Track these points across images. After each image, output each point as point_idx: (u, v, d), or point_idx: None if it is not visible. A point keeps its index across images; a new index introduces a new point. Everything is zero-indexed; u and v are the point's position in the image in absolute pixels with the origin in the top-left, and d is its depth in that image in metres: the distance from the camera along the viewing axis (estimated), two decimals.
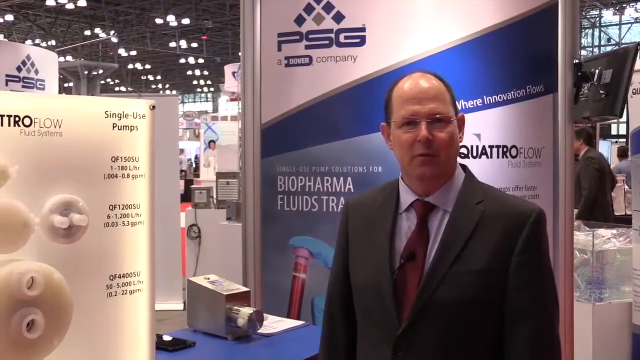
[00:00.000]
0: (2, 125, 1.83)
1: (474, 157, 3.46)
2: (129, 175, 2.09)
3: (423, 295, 1.84)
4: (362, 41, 3.49)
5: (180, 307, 7.72)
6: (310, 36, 3.59)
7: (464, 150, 3.44)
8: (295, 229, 3.60)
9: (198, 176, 14.94)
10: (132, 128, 2.10)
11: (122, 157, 2.08)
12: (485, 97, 3.48)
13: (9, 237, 1.81)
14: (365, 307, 1.98)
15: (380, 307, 1.90)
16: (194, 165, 18.36)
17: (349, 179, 3.45)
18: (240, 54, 3.84)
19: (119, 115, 2.08)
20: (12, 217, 1.80)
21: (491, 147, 3.49)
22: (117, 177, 2.07)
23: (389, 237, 1.93)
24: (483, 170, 3.44)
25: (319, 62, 3.55)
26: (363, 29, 3.49)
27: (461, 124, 1.95)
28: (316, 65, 3.57)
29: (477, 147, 3.46)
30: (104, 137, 2.04)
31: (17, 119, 1.87)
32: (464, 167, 2.00)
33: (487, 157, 3.48)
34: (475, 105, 3.46)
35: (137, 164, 2.11)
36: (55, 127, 1.94)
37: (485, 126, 3.48)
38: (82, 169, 1.99)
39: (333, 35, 3.54)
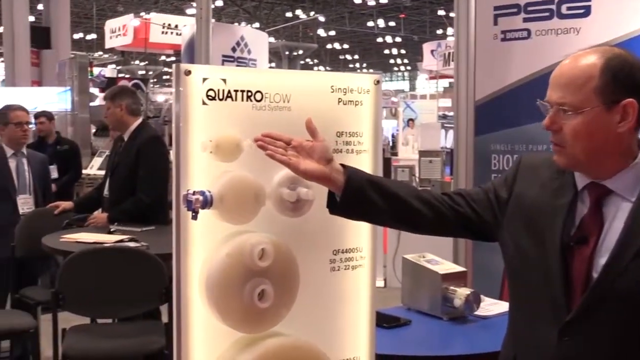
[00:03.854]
0: (235, 99, 1.89)
1: None
2: (352, 150, 2.09)
3: (601, 283, 1.72)
4: (587, 11, 3.28)
5: (381, 283, 7.78)
6: (529, 8, 3.44)
7: None
8: None
9: (395, 154, 14.95)
10: (357, 103, 2.10)
11: (346, 132, 2.08)
12: None
13: (241, 209, 1.87)
14: (524, 278, 1.88)
15: (544, 284, 1.80)
16: (391, 144, 18.43)
17: None
18: (450, 29, 3.76)
19: (344, 90, 2.08)
20: (245, 190, 1.86)
21: None
22: (341, 151, 2.07)
23: (564, 214, 1.81)
24: None
25: (538, 35, 3.39)
26: None
27: (624, 110, 1.71)
28: (535, 38, 3.41)
29: None
30: (329, 111, 2.05)
31: (249, 93, 1.91)
32: None
33: None
34: None
35: (361, 139, 2.10)
36: (284, 102, 1.97)
37: None
38: None
39: (554, 6, 3.36)
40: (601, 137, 1.74)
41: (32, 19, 15.11)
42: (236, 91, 1.89)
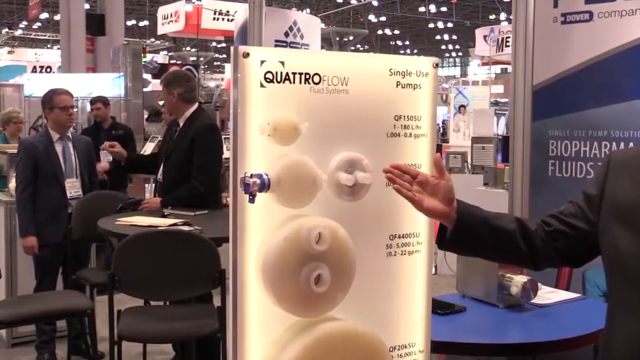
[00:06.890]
0: (293, 82, 1.87)
1: None
2: (410, 134, 2.05)
3: None
4: None
5: (432, 270, 7.74)
6: None
7: None
8: (566, 196, 3.38)
9: (446, 141, 14.81)
10: (415, 86, 2.06)
11: (404, 116, 2.04)
12: None
13: (299, 193, 1.85)
14: (628, 271, 1.81)
15: None
16: (441, 130, 18.25)
17: (631, 144, 3.18)
18: (502, 14, 3.67)
19: (403, 73, 2.04)
20: (302, 174, 1.84)
21: None
22: (399, 135, 2.04)
23: None
24: None
25: (601, 17, 3.30)
26: None
27: None
28: (597, 21, 3.31)
29: None
30: (387, 94, 2.02)
31: (307, 76, 1.89)
32: None
33: None
34: None
35: (419, 122, 2.07)
36: (342, 85, 1.94)
37: None
38: (366, 127, 1.99)
39: None
40: None
41: (87, 6, 15.32)
42: (294, 74, 1.87)
